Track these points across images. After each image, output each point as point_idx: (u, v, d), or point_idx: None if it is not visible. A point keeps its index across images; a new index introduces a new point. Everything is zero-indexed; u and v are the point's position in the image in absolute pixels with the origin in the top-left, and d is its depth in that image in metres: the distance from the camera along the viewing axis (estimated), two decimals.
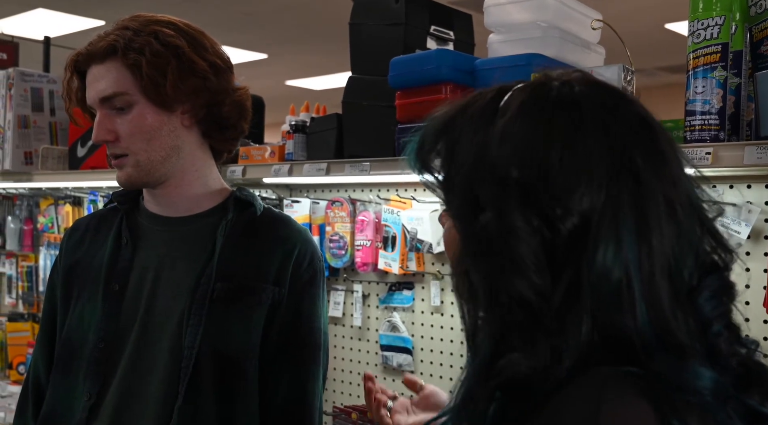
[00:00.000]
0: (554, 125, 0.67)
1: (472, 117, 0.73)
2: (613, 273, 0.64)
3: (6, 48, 4.22)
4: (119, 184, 1.33)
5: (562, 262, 0.65)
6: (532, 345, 0.65)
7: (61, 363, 1.34)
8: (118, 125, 1.26)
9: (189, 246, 1.34)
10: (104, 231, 1.39)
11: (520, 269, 0.65)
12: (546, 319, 0.65)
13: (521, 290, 0.65)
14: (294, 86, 9.68)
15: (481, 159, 0.68)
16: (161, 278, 1.31)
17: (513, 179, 0.66)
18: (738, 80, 1.32)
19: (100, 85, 1.26)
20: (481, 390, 0.68)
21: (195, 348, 1.26)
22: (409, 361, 2.04)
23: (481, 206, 0.67)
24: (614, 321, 0.65)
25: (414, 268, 2.00)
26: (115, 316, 1.31)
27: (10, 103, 2.80)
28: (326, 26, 6.05)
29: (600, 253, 0.64)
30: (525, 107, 0.69)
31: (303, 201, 2.23)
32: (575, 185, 0.65)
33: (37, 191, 3.06)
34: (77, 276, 1.38)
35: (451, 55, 1.75)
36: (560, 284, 0.65)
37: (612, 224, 0.64)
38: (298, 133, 2.11)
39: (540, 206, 0.65)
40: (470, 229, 0.68)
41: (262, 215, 1.37)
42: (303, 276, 1.33)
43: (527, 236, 0.65)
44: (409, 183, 2.03)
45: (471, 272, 0.69)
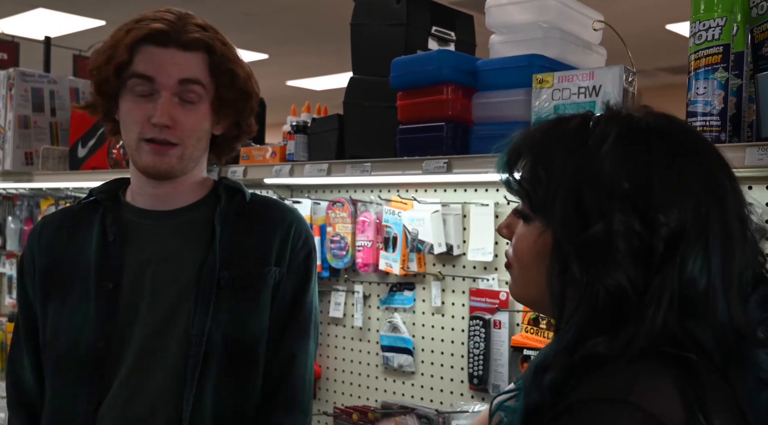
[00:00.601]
0: (653, 150, 0.80)
1: (562, 139, 0.84)
2: (700, 277, 0.76)
3: (6, 48, 4.23)
4: (152, 169, 1.29)
5: (657, 264, 0.76)
6: (615, 331, 0.76)
7: (56, 366, 1.31)
8: (180, 115, 1.28)
9: (185, 238, 1.34)
10: (83, 228, 1.36)
11: (620, 265, 0.76)
12: (634, 309, 0.76)
13: (619, 281, 0.76)
14: (295, 87, 9.68)
15: (589, 173, 0.80)
16: (160, 273, 1.31)
17: (622, 190, 0.78)
18: (739, 82, 1.32)
19: (183, 68, 1.28)
20: (559, 361, 0.77)
21: (204, 337, 1.27)
22: (410, 362, 2.03)
23: (589, 215, 0.79)
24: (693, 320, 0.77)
25: (415, 269, 2.00)
26: (112, 315, 1.29)
27: (11, 103, 2.80)
28: (327, 26, 6.05)
29: (690, 258, 0.76)
30: (624, 134, 0.81)
31: (304, 202, 2.23)
32: (673, 199, 0.77)
33: (38, 191, 3.06)
34: (58, 275, 1.34)
35: (452, 56, 1.75)
36: (653, 282, 0.76)
37: (702, 234, 0.77)
38: (299, 133, 2.11)
39: (642, 214, 0.77)
40: (577, 232, 0.79)
41: (251, 200, 1.41)
42: (299, 255, 1.38)
43: (629, 237, 0.77)
44: (410, 184, 2.03)
45: (574, 270, 0.79)
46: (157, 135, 1.27)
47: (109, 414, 1.28)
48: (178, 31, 1.28)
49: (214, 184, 1.41)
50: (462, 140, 1.71)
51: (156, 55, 1.27)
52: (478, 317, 1.87)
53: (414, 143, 1.74)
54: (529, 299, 0.91)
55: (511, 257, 0.91)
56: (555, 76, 1.54)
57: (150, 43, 1.28)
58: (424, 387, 2.03)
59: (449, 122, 1.70)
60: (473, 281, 1.92)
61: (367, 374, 2.16)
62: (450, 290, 1.98)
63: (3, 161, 2.82)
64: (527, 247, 0.87)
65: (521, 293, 0.91)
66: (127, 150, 1.34)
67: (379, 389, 2.12)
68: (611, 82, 1.47)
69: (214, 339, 1.28)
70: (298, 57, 8.17)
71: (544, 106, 1.54)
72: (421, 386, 2.03)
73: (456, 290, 1.97)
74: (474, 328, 1.87)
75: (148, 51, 1.28)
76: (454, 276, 1.96)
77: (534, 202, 0.85)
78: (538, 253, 0.84)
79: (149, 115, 1.26)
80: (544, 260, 0.83)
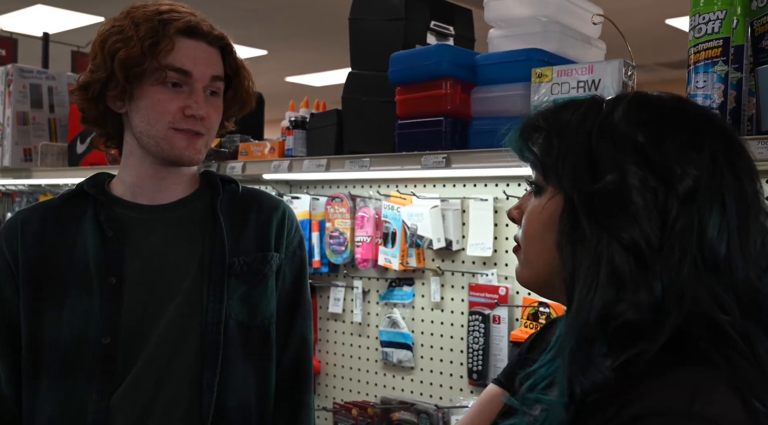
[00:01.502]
0: (666, 110, 0.80)
1: (575, 111, 0.83)
2: (719, 236, 0.75)
3: (5, 44, 4.22)
4: (183, 154, 1.30)
5: (674, 219, 0.74)
6: (635, 291, 0.73)
7: (53, 366, 1.28)
8: (209, 107, 1.33)
9: (187, 229, 1.35)
10: (71, 223, 1.33)
11: (634, 219, 0.74)
12: (650, 267, 0.73)
13: (634, 236, 0.74)
14: (294, 83, 9.67)
15: (600, 131, 0.79)
16: (166, 265, 1.31)
17: (636, 142, 0.76)
18: (739, 75, 1.32)
19: (213, 64, 1.33)
20: (594, 333, 0.74)
21: (221, 324, 1.30)
22: (410, 357, 2.03)
23: (601, 167, 0.77)
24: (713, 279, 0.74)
25: (414, 264, 2.00)
26: (118, 310, 1.28)
27: (9, 99, 2.79)
28: (326, 22, 6.04)
29: (707, 215, 0.74)
30: (637, 100, 0.81)
31: (303, 197, 2.23)
32: (689, 154, 0.76)
33: (37, 187, 3.06)
34: (51, 273, 1.29)
35: (451, 51, 1.74)
36: (670, 239, 0.74)
37: (718, 191, 0.75)
38: (297, 129, 2.11)
39: (657, 168, 0.75)
40: (588, 184, 0.77)
41: (242, 190, 1.45)
42: (293, 241, 1.44)
43: (643, 191, 0.75)
44: (409, 179, 2.02)
45: (585, 227, 0.76)
46: (192, 126, 1.30)
47: (125, 408, 1.26)
48: (202, 25, 1.32)
49: (200, 177, 1.43)
50: (461, 135, 1.71)
51: (191, 49, 1.31)
52: (478, 313, 1.86)
53: (413, 138, 1.74)
54: (536, 279, 0.86)
55: (519, 237, 0.88)
56: (554, 71, 1.53)
57: (183, 35, 1.30)
58: (424, 382, 2.02)
59: (448, 116, 1.70)
60: (472, 276, 1.92)
61: (367, 369, 2.16)
62: (449, 286, 1.98)
63: (2, 158, 2.82)
64: (536, 216, 0.84)
65: (528, 273, 0.87)
66: (147, 140, 1.30)
67: (379, 384, 2.12)
68: (610, 76, 1.46)
69: (229, 326, 1.32)
70: (297, 53, 8.15)
71: (543, 100, 1.53)
72: (420, 381, 2.03)
73: (455, 285, 1.97)
74: (473, 323, 1.87)
75: (181, 43, 1.29)
76: (453, 271, 1.96)
77: (546, 165, 0.83)
78: (547, 218, 0.82)
79: (183, 106, 1.29)
80: (553, 227, 0.80)
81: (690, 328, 0.73)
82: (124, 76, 1.27)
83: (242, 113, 1.46)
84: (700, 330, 0.73)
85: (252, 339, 1.35)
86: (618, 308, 0.73)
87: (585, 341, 0.74)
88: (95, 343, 1.27)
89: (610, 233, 0.75)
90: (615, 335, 0.73)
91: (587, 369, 0.73)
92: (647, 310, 0.73)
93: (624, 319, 0.73)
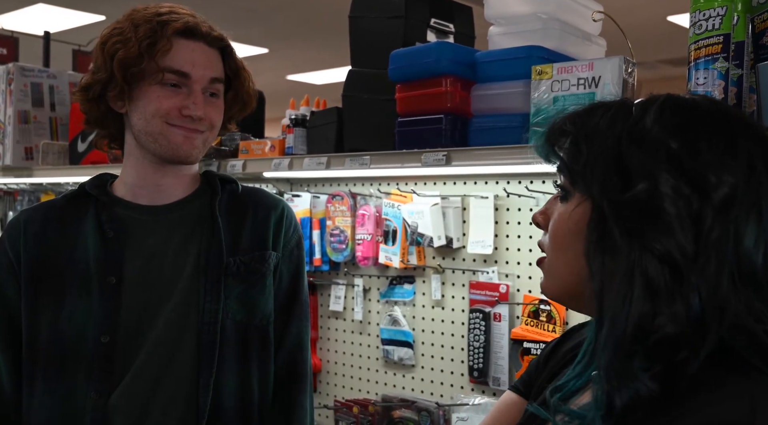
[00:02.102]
0: (700, 114, 0.77)
1: (604, 115, 0.80)
2: (758, 247, 0.72)
3: (6, 43, 4.22)
4: (178, 152, 1.32)
5: (709, 229, 0.72)
6: (670, 304, 0.71)
7: (52, 365, 1.28)
8: (208, 107, 1.34)
9: (187, 230, 1.35)
10: (72, 223, 1.34)
11: (667, 229, 0.71)
12: (686, 279, 0.71)
13: (668, 248, 0.71)
14: (295, 81, 9.67)
15: (631, 137, 0.76)
16: (165, 266, 1.32)
17: (669, 149, 0.73)
18: (740, 71, 1.31)
19: (212, 66, 1.34)
20: (633, 346, 0.71)
21: (218, 324, 1.30)
22: (410, 355, 2.03)
23: (632, 175, 0.74)
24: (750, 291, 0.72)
25: (415, 262, 1.99)
26: (117, 310, 1.29)
27: (10, 98, 2.79)
28: (327, 21, 6.03)
29: (744, 225, 0.72)
30: (669, 103, 0.78)
31: (303, 195, 2.23)
32: (724, 161, 0.73)
33: (38, 186, 3.06)
34: (52, 272, 1.30)
35: (451, 48, 1.74)
36: (705, 250, 0.71)
37: (756, 202, 0.73)
38: (298, 127, 2.11)
39: (690, 176, 0.72)
40: (618, 193, 0.74)
41: (242, 190, 1.46)
42: (291, 240, 1.44)
43: (676, 200, 0.72)
44: (410, 177, 2.02)
45: (615, 236, 0.74)
46: (188, 125, 1.31)
47: (123, 407, 1.27)
48: (201, 27, 1.33)
49: (201, 177, 1.44)
50: (461, 133, 1.70)
51: (189, 50, 1.31)
52: (478, 310, 1.86)
53: (413, 135, 1.74)
54: (563, 290, 0.83)
55: (545, 245, 0.85)
56: (554, 68, 1.53)
57: (182, 36, 1.31)
58: (425, 380, 2.02)
59: (448, 114, 1.70)
60: (473, 274, 1.92)
61: (368, 367, 2.16)
62: (450, 283, 1.98)
63: (3, 156, 2.82)
64: (563, 223, 0.81)
65: (555, 284, 0.84)
66: (145, 137, 1.31)
67: (380, 382, 2.12)
68: (611, 73, 1.46)
69: (227, 325, 1.32)
70: (298, 51, 8.15)
71: (543, 97, 1.53)
72: (421, 379, 2.03)
73: (456, 283, 1.96)
74: (474, 321, 1.87)
75: (180, 44, 1.31)
76: (453, 269, 1.96)
77: (573, 171, 0.80)
78: (574, 226, 0.79)
79: (180, 106, 1.30)
80: (581, 236, 0.77)
81: (733, 340, 0.71)
82: (122, 77, 1.28)
83: (243, 115, 1.47)
84: (742, 342, 0.71)
85: (250, 339, 1.35)
86: (657, 321, 0.71)
87: (624, 354, 0.71)
88: (94, 342, 1.28)
89: (642, 243, 0.72)
90: (654, 348, 0.71)
91: (627, 382, 0.70)
92: (686, 323, 0.71)
93: (664, 332, 0.70)
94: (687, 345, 0.70)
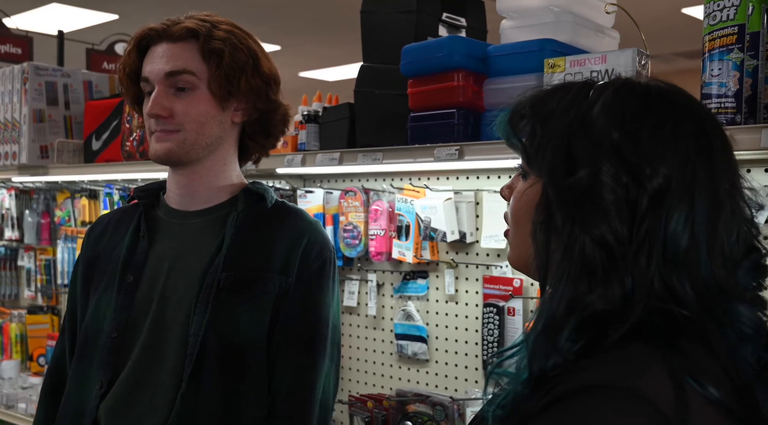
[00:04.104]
0: (648, 105, 0.80)
1: (562, 98, 0.84)
2: (684, 232, 0.76)
3: (20, 43, 4.26)
4: (154, 155, 1.34)
5: (642, 216, 0.76)
6: (606, 284, 0.75)
7: (78, 351, 1.38)
8: (175, 104, 1.31)
9: (201, 238, 1.36)
10: (124, 226, 1.43)
11: (604, 214, 0.76)
12: (621, 262, 0.75)
13: (603, 232, 0.76)
14: (308, 78, 9.67)
15: (581, 124, 0.80)
16: (175, 269, 1.34)
17: (611, 140, 0.77)
18: (755, 62, 1.30)
19: (170, 60, 1.31)
20: (562, 322, 0.76)
21: (200, 336, 1.28)
22: (424, 350, 2.03)
23: (576, 162, 0.78)
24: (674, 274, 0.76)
25: (428, 257, 1.99)
26: (129, 307, 1.34)
27: (25, 97, 2.82)
28: (340, 17, 6.03)
29: (675, 213, 0.76)
30: (621, 91, 0.82)
31: (316, 191, 2.23)
32: (663, 153, 0.77)
33: (54, 184, 3.08)
34: (97, 269, 1.41)
35: (463, 42, 1.74)
36: (638, 235, 0.76)
37: (688, 190, 0.77)
38: (310, 123, 2.11)
39: (629, 166, 0.77)
40: (564, 181, 0.79)
41: (273, 207, 1.40)
42: (311, 265, 1.35)
43: (615, 188, 0.76)
44: (423, 172, 2.02)
45: (557, 218, 0.78)
46: (157, 127, 1.33)
47: (112, 403, 1.31)
48: (171, 26, 1.33)
49: (244, 188, 1.42)
50: (473, 127, 1.70)
51: (151, 55, 1.34)
52: (492, 305, 1.86)
53: (425, 130, 1.73)
54: (521, 262, 0.89)
55: (508, 218, 0.91)
56: (567, 61, 1.52)
57: (150, 44, 1.35)
58: (439, 374, 2.02)
59: (460, 108, 1.69)
60: (487, 268, 1.91)
61: (382, 362, 2.16)
62: (463, 278, 1.97)
63: (19, 155, 2.85)
64: (519, 201, 0.87)
65: (515, 256, 0.90)
66: None
67: (394, 377, 2.13)
68: (624, 66, 1.45)
69: (209, 340, 1.28)
70: (310, 48, 8.16)
71: None
72: (435, 373, 2.03)
73: (469, 277, 1.96)
74: (488, 315, 1.87)
75: (148, 53, 1.36)
76: (467, 264, 1.96)
77: (529, 153, 0.85)
78: (528, 204, 0.84)
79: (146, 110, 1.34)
80: (532, 215, 0.82)
81: (650, 319, 0.74)
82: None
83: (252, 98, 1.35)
84: (657, 321, 0.75)
85: (230, 358, 1.29)
86: (588, 299, 0.75)
87: (551, 328, 0.77)
88: (107, 335, 1.34)
89: (581, 227, 0.77)
90: (582, 324, 0.75)
91: (550, 353, 0.75)
92: (617, 302, 0.75)
93: (592, 310, 0.75)
94: (613, 322, 0.75)
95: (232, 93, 1.34)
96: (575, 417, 0.70)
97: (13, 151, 2.87)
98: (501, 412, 0.79)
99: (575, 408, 0.71)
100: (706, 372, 0.72)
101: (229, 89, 1.33)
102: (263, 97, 1.37)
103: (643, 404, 0.69)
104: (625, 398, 0.69)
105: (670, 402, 0.69)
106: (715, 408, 0.71)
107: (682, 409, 0.69)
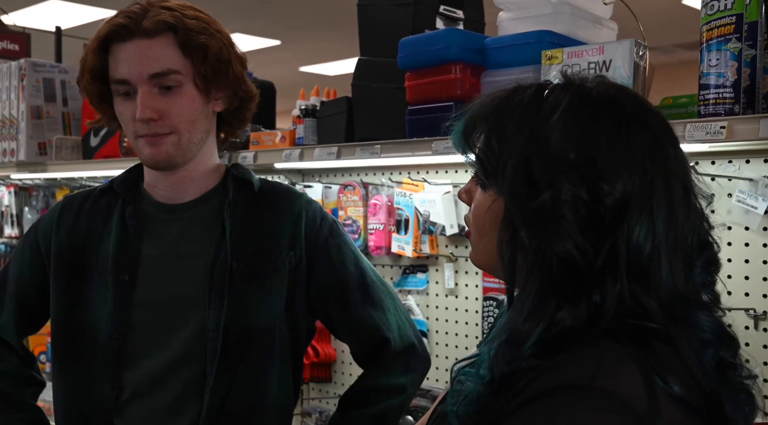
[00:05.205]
0: (601, 119, 0.81)
1: (515, 110, 0.84)
2: (645, 244, 0.77)
3: (18, 39, 4.24)
4: (152, 161, 1.29)
5: (605, 231, 0.77)
6: (574, 301, 0.77)
7: (71, 349, 1.34)
8: (164, 104, 1.25)
9: (198, 231, 1.35)
10: (101, 216, 1.37)
11: (567, 232, 0.77)
12: (587, 278, 0.77)
13: (568, 249, 0.77)
14: (308, 72, 9.66)
15: (538, 143, 0.80)
16: (175, 267, 1.32)
17: (569, 160, 0.78)
18: (753, 52, 1.29)
19: (151, 60, 1.23)
20: (527, 335, 0.77)
21: (220, 330, 1.28)
22: (425, 344, 2.03)
23: (537, 184, 0.79)
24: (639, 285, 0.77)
25: (427, 251, 1.99)
26: (128, 307, 1.31)
27: (23, 94, 2.81)
28: (339, 11, 6.01)
29: (636, 225, 0.77)
30: (574, 104, 0.82)
31: (315, 186, 2.23)
32: (619, 168, 0.78)
33: (53, 181, 3.08)
34: (78, 264, 1.35)
35: (460, 35, 1.73)
36: (602, 250, 0.77)
37: (647, 202, 0.78)
38: (308, 117, 2.10)
39: (588, 183, 0.78)
40: (525, 200, 0.80)
41: (260, 188, 1.40)
42: (322, 232, 1.38)
43: (577, 207, 0.77)
44: (421, 165, 2.02)
45: (523, 237, 0.80)
46: (148, 130, 1.26)
47: (134, 402, 1.30)
48: (139, 20, 1.24)
49: (225, 171, 1.40)
50: None
51: (123, 53, 1.25)
52: (492, 298, 1.86)
53: (423, 123, 1.73)
54: (487, 266, 0.91)
55: (469, 222, 0.92)
56: (564, 52, 1.51)
57: (116, 41, 1.25)
58: (439, 368, 2.02)
59: (458, 101, 1.68)
60: None
61: None
62: (463, 272, 1.97)
63: (17, 152, 2.84)
64: (482, 214, 0.88)
65: (480, 260, 0.92)
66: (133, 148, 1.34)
67: None
68: (621, 57, 1.44)
69: (231, 331, 1.29)
70: (310, 43, 8.14)
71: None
72: (435, 367, 2.03)
73: (469, 271, 1.96)
74: (488, 309, 1.86)
75: (115, 50, 1.26)
76: (467, 257, 1.95)
77: (487, 170, 0.85)
78: (491, 220, 0.85)
79: (133, 114, 1.26)
80: (497, 227, 0.84)
81: (618, 332, 0.76)
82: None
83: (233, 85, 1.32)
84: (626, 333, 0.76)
85: (254, 344, 1.31)
86: (558, 316, 0.77)
87: (515, 341, 0.78)
88: (108, 337, 1.31)
89: (547, 245, 0.78)
90: (550, 338, 0.76)
91: (511, 361, 0.77)
92: (584, 318, 0.76)
93: (562, 326, 0.76)
94: (581, 336, 0.76)
95: (218, 84, 1.30)
96: (549, 416, 0.71)
97: (12, 148, 2.87)
98: (465, 410, 0.80)
99: (549, 407, 0.72)
100: (672, 371, 0.73)
101: (215, 82, 1.29)
102: (243, 84, 1.35)
103: (616, 402, 0.70)
104: (598, 397, 0.70)
105: (642, 400, 0.70)
106: (682, 406, 0.72)
107: (654, 407, 0.70)
